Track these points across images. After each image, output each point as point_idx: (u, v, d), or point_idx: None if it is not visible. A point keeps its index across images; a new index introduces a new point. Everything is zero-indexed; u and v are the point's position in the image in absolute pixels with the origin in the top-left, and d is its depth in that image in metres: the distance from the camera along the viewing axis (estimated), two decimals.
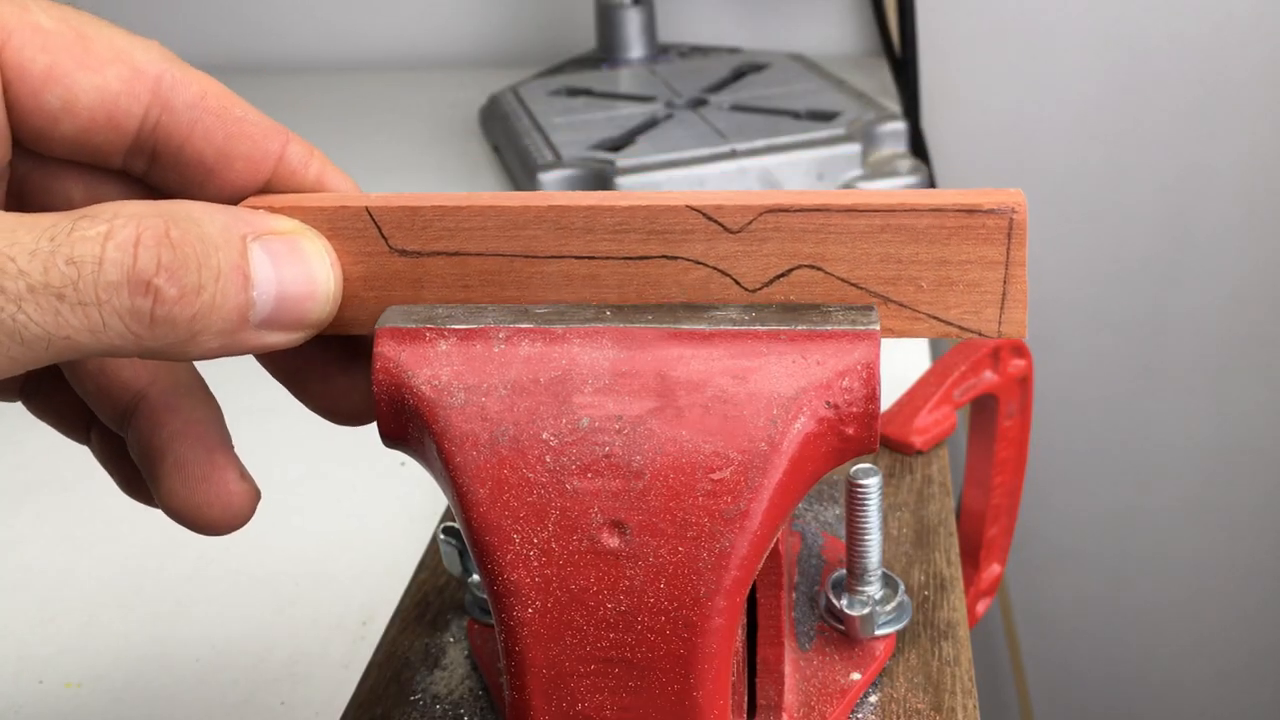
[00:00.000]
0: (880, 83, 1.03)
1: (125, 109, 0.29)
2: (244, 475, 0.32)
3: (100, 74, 0.29)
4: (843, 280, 0.29)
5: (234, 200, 0.31)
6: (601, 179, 0.82)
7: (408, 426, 0.30)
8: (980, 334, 0.29)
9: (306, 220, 0.30)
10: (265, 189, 0.31)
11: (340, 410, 0.33)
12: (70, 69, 0.28)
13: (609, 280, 0.30)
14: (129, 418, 0.32)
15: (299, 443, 0.64)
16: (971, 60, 1.12)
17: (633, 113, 0.93)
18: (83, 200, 0.31)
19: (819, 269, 0.29)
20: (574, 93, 1.00)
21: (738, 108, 0.92)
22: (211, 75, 0.31)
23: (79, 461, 0.36)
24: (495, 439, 0.28)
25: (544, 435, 0.28)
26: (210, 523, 0.31)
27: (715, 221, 0.29)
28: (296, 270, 0.29)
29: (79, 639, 0.52)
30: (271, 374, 0.33)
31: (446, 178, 0.98)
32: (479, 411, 0.29)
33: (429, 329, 0.30)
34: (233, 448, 0.32)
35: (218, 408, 0.32)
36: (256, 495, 0.32)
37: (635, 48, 1.08)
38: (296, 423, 0.67)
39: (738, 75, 1.01)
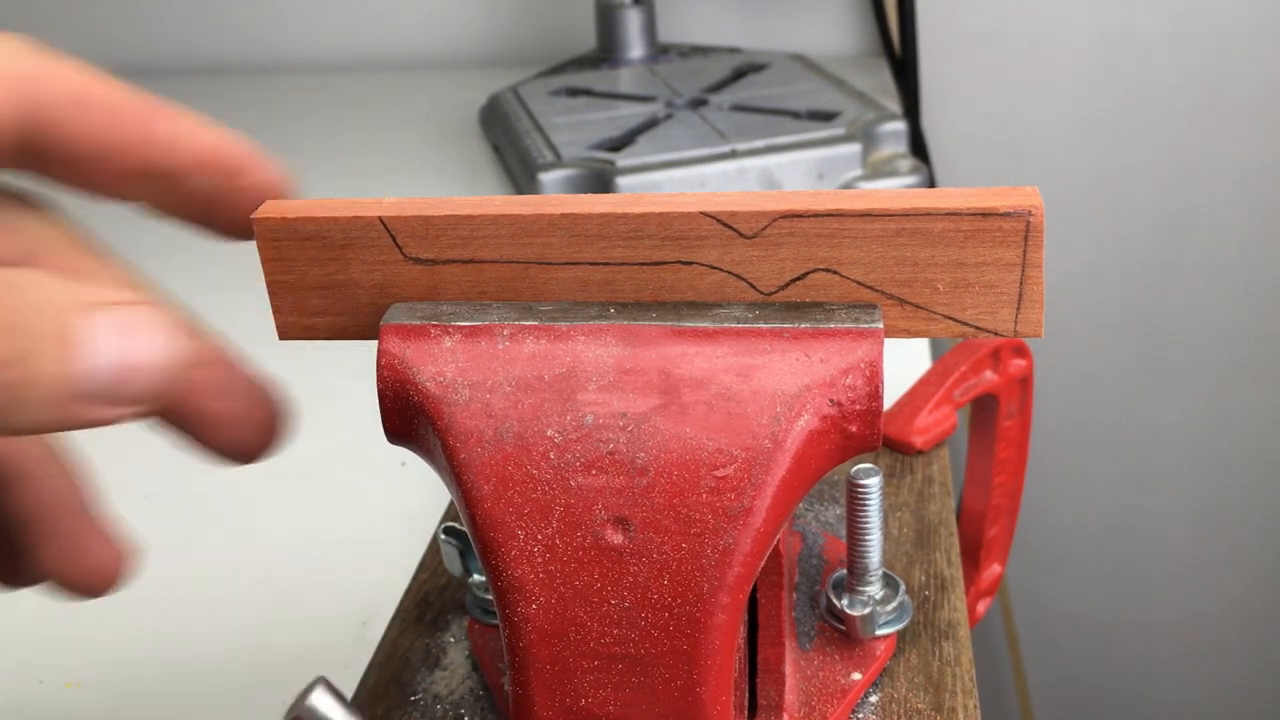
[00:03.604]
0: (880, 83, 1.03)
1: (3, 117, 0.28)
2: (113, 539, 0.31)
3: None
4: (858, 283, 0.29)
5: (127, 185, 0.30)
6: (601, 179, 0.82)
7: (412, 423, 0.30)
8: (996, 333, 0.29)
9: (320, 229, 0.30)
10: (147, 169, 0.30)
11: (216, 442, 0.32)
12: None
13: (624, 285, 0.30)
14: None
15: (299, 443, 0.64)
16: (971, 60, 1.12)
17: (633, 113, 0.93)
18: None
19: (834, 272, 0.29)
20: (574, 93, 1.00)
21: (738, 108, 0.92)
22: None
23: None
24: (500, 435, 0.28)
25: (548, 432, 0.28)
26: (85, 590, 0.31)
27: (730, 227, 0.29)
28: (136, 343, 0.26)
29: (79, 639, 0.52)
30: None
31: (446, 178, 0.98)
32: (483, 408, 0.29)
33: (434, 326, 0.30)
34: (99, 509, 0.31)
35: (78, 472, 0.31)
36: (130, 556, 0.31)
37: (635, 48, 1.08)
38: (297, 422, 0.67)
39: (738, 75, 1.01)
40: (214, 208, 0.31)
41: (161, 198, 0.31)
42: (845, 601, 0.38)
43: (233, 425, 0.32)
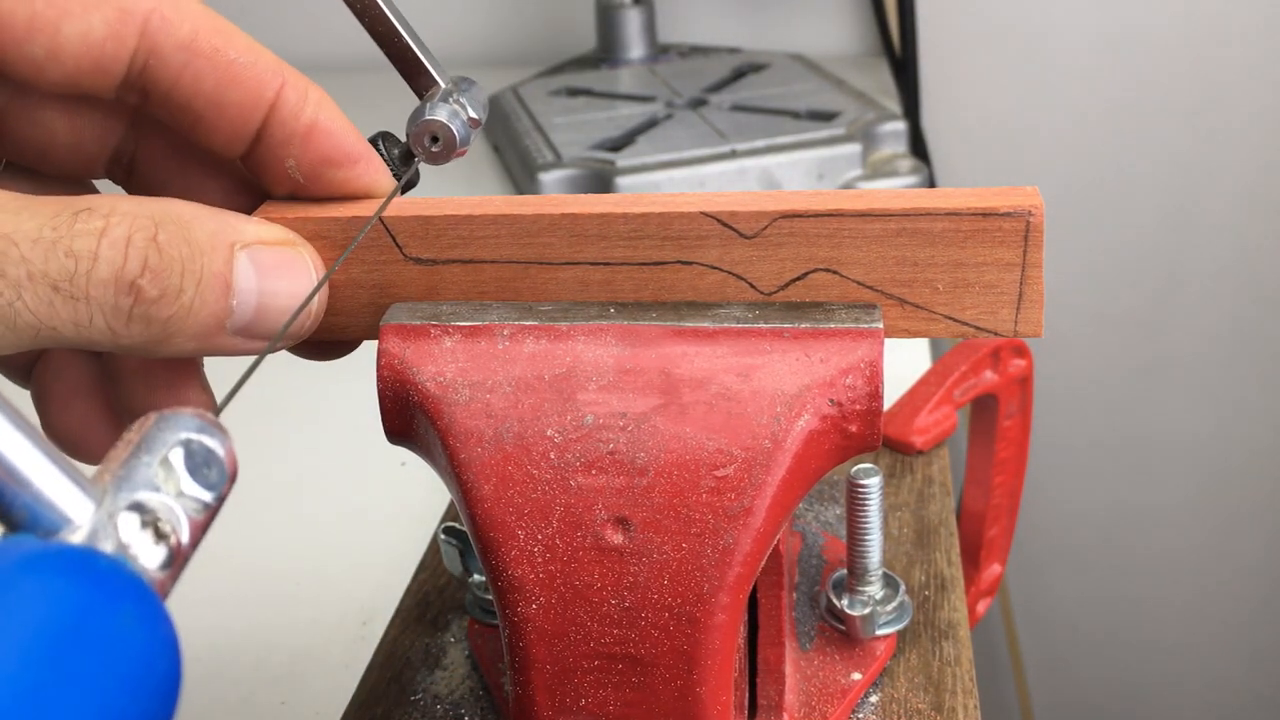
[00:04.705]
0: (880, 83, 1.03)
1: (112, 53, 0.28)
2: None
3: (85, 20, 0.27)
4: (858, 283, 0.29)
5: (228, 143, 0.30)
6: (602, 179, 0.82)
7: (413, 423, 0.30)
8: (996, 333, 0.29)
9: (322, 229, 0.30)
10: (259, 137, 0.30)
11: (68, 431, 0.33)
12: (53, 18, 0.27)
13: (624, 285, 0.30)
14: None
15: (300, 443, 0.64)
16: (971, 60, 1.12)
17: (633, 113, 0.93)
18: (65, 132, 0.31)
19: (834, 272, 0.29)
20: (574, 93, 1.00)
21: (738, 108, 0.92)
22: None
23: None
24: (500, 435, 0.28)
25: (548, 432, 0.28)
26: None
27: (730, 227, 0.29)
28: (280, 283, 0.28)
29: None
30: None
31: (447, 178, 0.98)
32: (484, 408, 0.29)
33: (434, 326, 0.30)
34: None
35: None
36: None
37: (635, 48, 1.08)
38: (298, 423, 0.67)
39: (738, 75, 1.01)
40: (292, 184, 0.31)
41: (254, 159, 0.31)
42: (845, 601, 0.38)
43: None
